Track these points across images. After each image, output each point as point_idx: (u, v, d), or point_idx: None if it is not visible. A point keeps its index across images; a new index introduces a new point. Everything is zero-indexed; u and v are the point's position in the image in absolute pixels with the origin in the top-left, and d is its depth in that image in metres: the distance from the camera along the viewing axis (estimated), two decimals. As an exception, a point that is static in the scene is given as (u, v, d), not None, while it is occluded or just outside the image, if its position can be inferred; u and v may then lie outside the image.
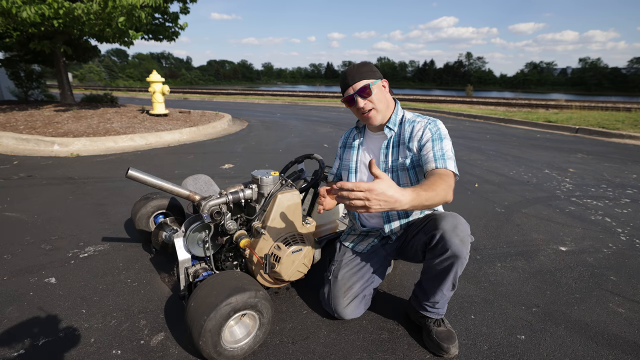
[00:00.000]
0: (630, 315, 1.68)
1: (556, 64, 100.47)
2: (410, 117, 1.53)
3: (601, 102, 16.44)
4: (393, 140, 1.51)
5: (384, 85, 1.50)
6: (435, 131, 1.42)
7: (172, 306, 1.69)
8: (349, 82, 1.44)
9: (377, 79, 1.45)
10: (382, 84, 1.48)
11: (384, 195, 1.00)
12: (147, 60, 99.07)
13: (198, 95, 22.13)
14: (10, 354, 1.37)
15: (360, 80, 1.42)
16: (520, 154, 5.56)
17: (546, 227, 2.73)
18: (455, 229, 1.27)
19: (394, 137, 1.51)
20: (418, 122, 1.47)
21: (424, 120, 1.47)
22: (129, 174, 1.47)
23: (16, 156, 4.89)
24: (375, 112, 1.46)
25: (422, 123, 1.46)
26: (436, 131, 1.42)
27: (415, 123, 1.47)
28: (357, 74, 1.43)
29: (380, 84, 1.47)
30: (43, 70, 12.17)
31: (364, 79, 1.42)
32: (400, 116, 1.54)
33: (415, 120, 1.49)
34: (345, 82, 1.46)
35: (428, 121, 1.46)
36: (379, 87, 1.47)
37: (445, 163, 1.34)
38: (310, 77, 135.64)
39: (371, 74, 1.44)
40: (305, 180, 2.01)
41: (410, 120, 1.50)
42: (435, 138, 1.40)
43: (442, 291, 1.39)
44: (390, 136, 1.51)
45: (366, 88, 1.41)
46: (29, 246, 2.27)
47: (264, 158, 5.10)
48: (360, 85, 1.42)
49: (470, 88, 28.80)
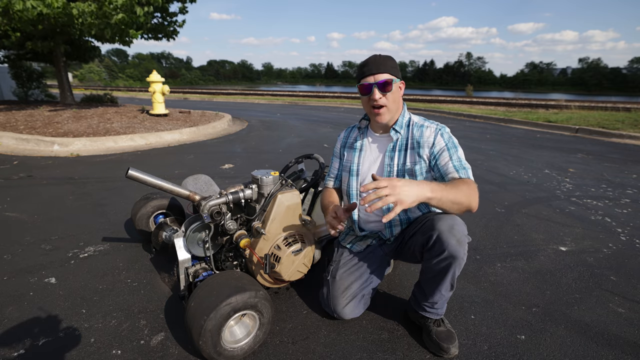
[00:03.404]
0: (630, 315, 1.68)
1: (556, 64, 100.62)
2: (417, 120, 1.49)
3: (601, 102, 16.42)
4: (400, 143, 1.47)
5: (401, 86, 1.46)
6: (448, 139, 1.40)
7: (172, 306, 1.69)
8: (373, 70, 1.36)
9: (399, 78, 1.42)
10: (400, 85, 1.44)
11: (405, 182, 1.06)
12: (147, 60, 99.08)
13: (198, 95, 22.12)
14: (11, 354, 1.37)
15: (385, 72, 1.36)
16: (520, 154, 5.56)
17: (546, 227, 2.73)
18: (452, 229, 1.27)
19: (401, 140, 1.47)
20: (427, 127, 1.44)
21: (433, 126, 1.44)
22: (129, 174, 1.47)
23: (16, 156, 4.89)
24: (387, 110, 1.41)
25: (431, 129, 1.43)
26: (449, 139, 1.40)
27: (424, 128, 1.44)
28: (383, 66, 1.37)
29: (399, 84, 1.43)
30: (43, 69, 12.20)
31: (389, 73, 1.37)
32: (407, 119, 1.50)
33: (424, 125, 1.46)
34: (368, 68, 1.38)
35: (438, 127, 1.43)
36: (397, 87, 1.42)
37: (467, 173, 1.33)
38: (310, 77, 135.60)
39: (395, 71, 1.40)
40: (305, 180, 2.01)
41: (419, 125, 1.46)
42: (450, 147, 1.38)
43: (440, 292, 1.39)
44: (396, 139, 1.48)
45: (389, 83, 1.36)
46: (29, 246, 2.27)
47: (264, 158, 5.10)
48: (384, 78, 1.35)
49: (470, 88, 28.77)
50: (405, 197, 1.04)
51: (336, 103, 16.45)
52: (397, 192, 1.04)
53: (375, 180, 1.06)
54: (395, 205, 1.04)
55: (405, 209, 1.47)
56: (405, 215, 1.53)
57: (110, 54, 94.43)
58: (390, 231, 1.55)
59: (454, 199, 1.20)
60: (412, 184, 1.10)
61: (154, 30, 8.42)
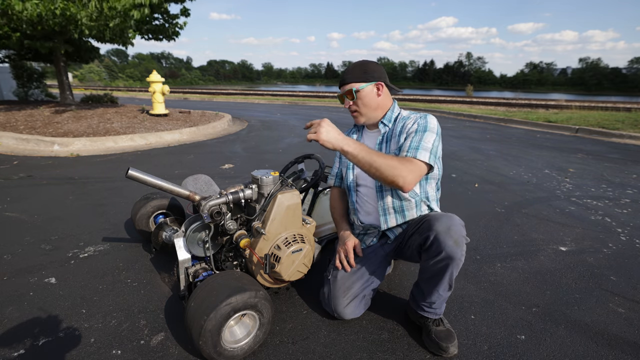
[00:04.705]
0: (630, 315, 1.68)
1: (556, 64, 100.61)
2: (405, 114, 1.58)
3: (601, 102, 16.42)
4: (387, 135, 1.57)
5: (378, 87, 1.52)
6: (422, 124, 1.45)
7: (172, 306, 1.69)
8: (341, 81, 1.54)
9: (369, 82, 1.49)
10: (373, 87, 1.51)
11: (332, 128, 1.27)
12: (147, 60, 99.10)
13: (198, 95, 22.11)
14: (11, 354, 1.37)
15: (349, 82, 1.50)
16: (520, 154, 5.56)
17: (546, 227, 2.73)
18: (449, 230, 1.27)
19: (388, 132, 1.57)
20: (410, 118, 1.52)
21: (416, 115, 1.52)
22: (129, 174, 1.47)
23: (16, 156, 4.89)
24: (359, 114, 1.55)
25: (413, 118, 1.51)
26: (423, 124, 1.45)
27: (408, 119, 1.52)
28: (349, 76, 1.51)
29: (371, 88, 1.51)
30: (43, 70, 12.20)
31: (353, 82, 1.49)
32: (397, 114, 1.60)
33: (409, 116, 1.54)
34: (340, 80, 1.56)
35: (419, 116, 1.51)
36: (368, 91, 1.50)
37: (416, 152, 1.36)
38: (310, 77, 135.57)
39: (363, 77, 1.49)
40: (305, 180, 2.01)
41: (405, 117, 1.56)
42: (420, 130, 1.43)
43: (438, 292, 1.39)
44: (384, 132, 1.57)
45: (349, 93, 1.50)
46: (29, 246, 2.27)
47: (264, 158, 5.10)
48: (346, 89, 1.51)
49: (470, 88, 28.75)
50: (323, 135, 1.25)
51: (336, 103, 16.44)
52: (320, 130, 1.26)
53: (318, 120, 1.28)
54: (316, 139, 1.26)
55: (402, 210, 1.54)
56: (401, 213, 1.54)
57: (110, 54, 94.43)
58: (385, 220, 1.57)
59: (373, 163, 1.28)
60: (337, 131, 1.29)
61: (154, 31, 8.42)
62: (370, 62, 1.53)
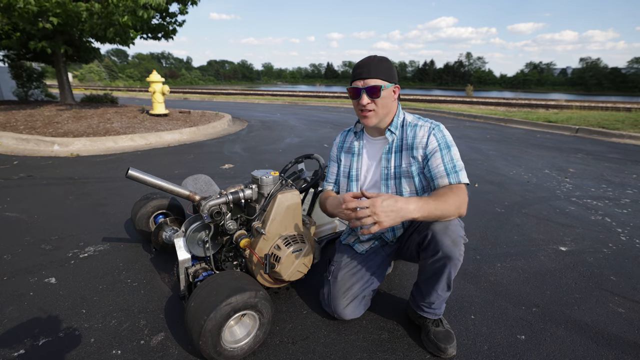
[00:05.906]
0: (630, 315, 1.68)
1: (556, 64, 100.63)
2: (411, 119, 1.46)
3: (601, 102, 16.44)
4: (395, 144, 1.46)
5: (395, 90, 1.41)
6: (441, 138, 1.36)
7: (172, 306, 1.69)
8: (363, 74, 1.34)
9: (391, 82, 1.37)
10: (393, 89, 1.40)
11: (389, 206, 1.04)
12: (147, 60, 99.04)
13: (198, 95, 22.12)
14: (11, 354, 1.37)
15: (375, 77, 1.33)
16: (520, 154, 5.56)
17: (546, 227, 2.73)
18: (447, 229, 1.26)
19: (397, 142, 1.45)
20: (421, 127, 1.41)
21: (427, 125, 1.41)
22: (129, 174, 1.47)
23: (16, 156, 4.89)
24: (374, 114, 1.39)
25: (425, 128, 1.40)
26: (442, 138, 1.36)
27: (418, 127, 1.41)
28: (374, 70, 1.33)
29: (392, 89, 1.39)
30: (43, 70, 12.20)
31: (379, 78, 1.33)
32: (402, 119, 1.47)
33: (417, 124, 1.42)
34: (359, 71, 1.35)
35: (431, 126, 1.40)
36: (389, 92, 1.38)
37: (459, 176, 1.32)
38: (310, 77, 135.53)
39: (388, 76, 1.35)
40: (305, 180, 2.01)
41: (412, 124, 1.43)
42: (443, 147, 1.35)
43: (437, 292, 1.39)
44: (392, 140, 1.46)
45: (377, 90, 1.32)
46: (29, 246, 2.27)
47: (264, 158, 5.10)
48: (372, 84, 1.32)
49: (470, 88, 28.81)
50: (384, 218, 1.07)
51: (336, 103, 16.45)
52: (377, 212, 1.06)
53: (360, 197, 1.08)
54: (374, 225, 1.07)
55: None
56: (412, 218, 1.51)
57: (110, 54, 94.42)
58: (393, 234, 1.56)
59: (442, 214, 1.21)
60: (396, 203, 1.10)
61: (152, 30, 8.42)
62: (390, 61, 1.40)
